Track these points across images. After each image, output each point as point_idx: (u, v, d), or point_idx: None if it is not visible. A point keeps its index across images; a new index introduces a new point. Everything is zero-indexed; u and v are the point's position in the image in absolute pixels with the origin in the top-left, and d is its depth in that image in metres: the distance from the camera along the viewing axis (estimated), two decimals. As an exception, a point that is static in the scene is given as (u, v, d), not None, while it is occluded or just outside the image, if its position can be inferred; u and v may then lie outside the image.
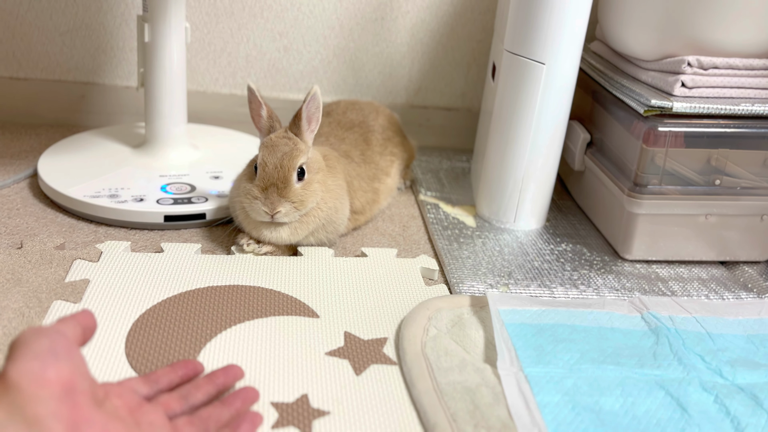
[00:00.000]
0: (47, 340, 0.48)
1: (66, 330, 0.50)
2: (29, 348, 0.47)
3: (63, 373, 0.46)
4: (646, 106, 0.89)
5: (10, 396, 0.44)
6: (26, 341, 0.47)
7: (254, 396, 0.61)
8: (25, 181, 1.03)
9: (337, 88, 1.30)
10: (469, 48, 1.30)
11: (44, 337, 0.48)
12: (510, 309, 0.78)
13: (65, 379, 0.46)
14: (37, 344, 0.47)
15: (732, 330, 0.80)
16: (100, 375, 0.64)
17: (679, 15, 0.90)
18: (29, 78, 1.22)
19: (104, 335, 0.69)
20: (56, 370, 0.46)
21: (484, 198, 1.04)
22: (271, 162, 0.82)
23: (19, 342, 0.47)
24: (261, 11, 1.23)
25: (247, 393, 0.61)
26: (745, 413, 0.66)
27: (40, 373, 0.45)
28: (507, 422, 0.62)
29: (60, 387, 0.46)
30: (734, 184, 0.93)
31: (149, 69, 1.00)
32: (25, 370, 0.45)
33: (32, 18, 1.19)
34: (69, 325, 0.51)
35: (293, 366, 0.67)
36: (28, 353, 0.46)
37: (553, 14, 0.90)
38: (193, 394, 0.58)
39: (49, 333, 0.48)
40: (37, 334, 0.48)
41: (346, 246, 0.94)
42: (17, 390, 0.44)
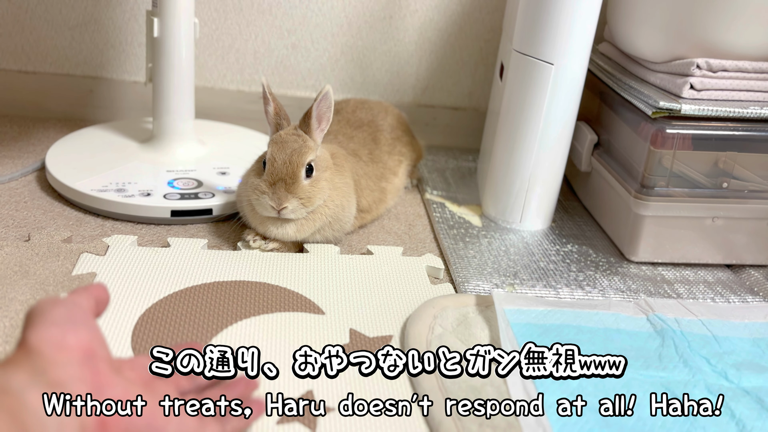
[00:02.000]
0: (64, 309, 0.48)
1: (81, 301, 0.51)
2: (47, 316, 0.47)
3: (82, 340, 0.47)
4: (654, 107, 0.89)
5: (31, 360, 0.44)
6: (43, 310, 0.47)
7: (254, 384, 0.62)
8: (32, 174, 1.03)
9: (344, 86, 1.30)
10: (477, 47, 1.30)
11: (61, 306, 0.48)
12: (516, 309, 0.78)
13: (84, 345, 0.47)
14: (54, 312, 0.47)
15: (738, 333, 0.80)
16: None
17: (689, 17, 0.90)
18: (38, 72, 1.23)
19: (111, 329, 0.69)
20: (75, 336, 0.47)
21: (491, 198, 1.04)
22: (280, 158, 0.82)
23: (35, 311, 0.47)
24: (270, 8, 1.23)
25: (248, 381, 0.61)
26: (750, 416, 0.66)
27: (59, 339, 0.46)
28: (512, 421, 0.62)
29: (80, 352, 0.46)
30: (741, 187, 0.93)
31: (158, 64, 1.01)
32: (45, 336, 0.46)
33: (42, 12, 1.19)
34: (83, 297, 0.51)
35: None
36: (46, 321, 0.46)
37: (562, 14, 0.90)
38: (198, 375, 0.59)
39: (65, 302, 0.49)
40: (54, 304, 0.48)
41: (352, 243, 0.94)
42: (38, 355, 0.45)
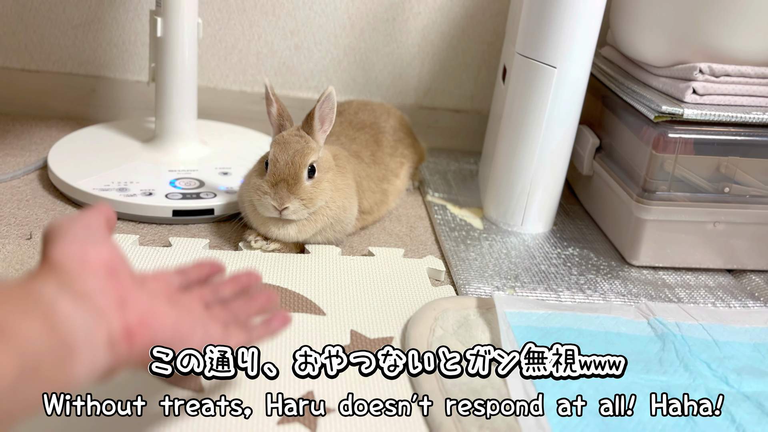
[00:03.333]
0: (81, 226, 0.49)
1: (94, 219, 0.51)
2: (66, 234, 0.47)
3: (103, 255, 0.47)
4: (656, 112, 0.89)
5: (56, 274, 0.45)
6: (60, 229, 0.48)
7: (276, 297, 0.63)
8: (35, 173, 1.04)
9: (346, 88, 1.31)
10: (480, 50, 1.31)
11: (78, 224, 0.49)
12: (517, 311, 0.78)
13: (106, 259, 0.47)
14: (73, 230, 0.48)
15: (738, 338, 0.80)
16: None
17: (692, 22, 0.90)
18: (41, 70, 1.23)
19: (112, 327, 0.69)
20: (96, 251, 0.47)
21: (492, 200, 1.04)
22: (282, 158, 0.82)
23: (52, 230, 0.48)
24: (273, 9, 1.24)
25: (270, 294, 0.62)
26: (751, 421, 0.66)
27: (81, 254, 0.46)
28: (512, 424, 0.62)
29: (103, 267, 0.47)
30: (743, 192, 0.93)
31: (161, 64, 1.01)
32: (67, 252, 0.46)
33: (45, 10, 1.20)
34: (94, 216, 0.51)
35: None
36: (67, 238, 0.47)
37: (565, 18, 0.90)
38: (221, 288, 0.60)
39: (81, 219, 0.49)
40: (70, 222, 0.49)
41: (353, 245, 0.95)
42: (62, 269, 0.45)
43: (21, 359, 0.38)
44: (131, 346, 0.46)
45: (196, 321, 0.53)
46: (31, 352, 0.39)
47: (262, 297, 0.61)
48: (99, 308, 0.45)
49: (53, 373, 0.41)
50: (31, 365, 0.39)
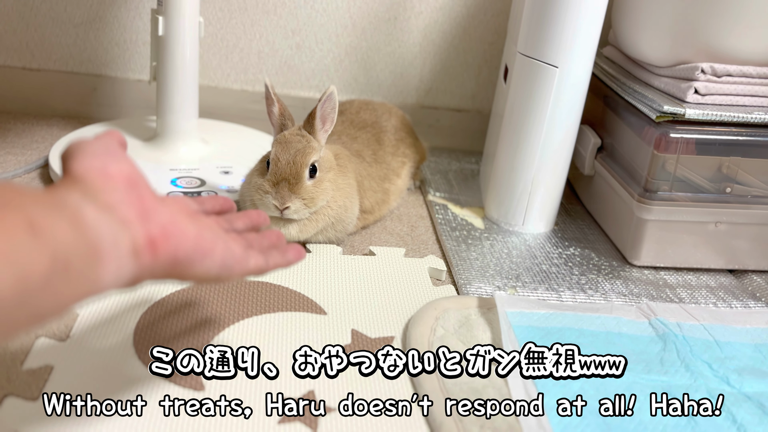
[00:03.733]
0: (100, 144, 0.49)
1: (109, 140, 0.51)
2: (85, 151, 0.48)
3: (124, 170, 0.48)
4: (658, 111, 0.89)
5: (80, 186, 0.45)
6: (80, 146, 0.48)
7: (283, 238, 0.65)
8: (36, 171, 1.04)
9: (348, 87, 1.30)
10: (481, 50, 1.30)
11: (96, 142, 0.50)
12: (518, 311, 0.78)
13: (127, 174, 0.48)
14: (91, 147, 0.49)
15: (740, 338, 0.80)
16: (108, 367, 0.64)
17: (694, 21, 0.90)
18: (42, 69, 1.23)
19: (113, 327, 0.69)
20: (117, 166, 0.48)
21: (493, 200, 1.04)
22: (283, 158, 0.82)
23: (72, 148, 0.48)
24: (274, 8, 1.24)
25: (279, 233, 0.65)
26: (752, 422, 0.65)
27: (103, 168, 0.47)
28: (513, 424, 0.62)
29: (124, 180, 0.47)
30: (745, 193, 0.92)
31: (162, 63, 1.01)
32: (89, 165, 0.47)
33: (47, 9, 1.20)
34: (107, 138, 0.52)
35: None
36: (86, 154, 0.48)
37: (567, 18, 0.90)
38: (234, 220, 0.63)
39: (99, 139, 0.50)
40: (88, 141, 0.49)
41: (354, 244, 0.94)
42: (85, 182, 0.46)
43: (52, 254, 0.39)
44: (155, 257, 0.46)
45: (218, 237, 0.53)
46: (62, 249, 0.39)
47: (272, 234, 0.64)
48: (123, 218, 0.45)
49: (82, 275, 0.41)
50: (62, 261, 0.39)
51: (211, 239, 0.52)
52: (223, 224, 0.60)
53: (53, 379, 0.61)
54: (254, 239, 0.61)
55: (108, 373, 0.63)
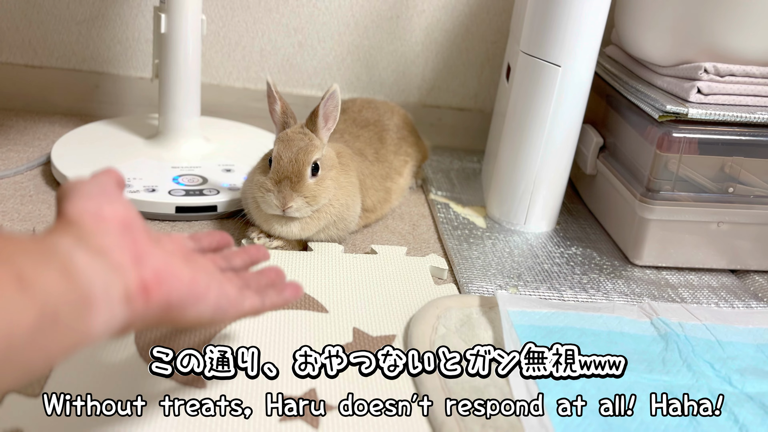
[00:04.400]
0: (96, 185, 0.49)
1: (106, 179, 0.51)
2: (80, 192, 0.47)
3: (118, 211, 0.47)
4: (660, 111, 0.89)
5: (73, 229, 0.45)
6: (74, 187, 0.48)
7: (283, 274, 0.64)
8: (38, 169, 1.04)
9: (350, 86, 1.30)
10: (484, 49, 1.30)
11: (92, 182, 0.49)
12: (519, 310, 0.78)
13: (121, 216, 0.47)
14: (87, 188, 0.48)
15: (742, 338, 0.79)
16: (109, 368, 0.64)
17: (697, 21, 0.90)
18: (44, 66, 1.23)
19: (114, 324, 0.69)
20: (112, 208, 0.47)
21: (495, 199, 1.04)
22: (285, 156, 0.82)
23: (67, 189, 0.48)
24: (277, 6, 1.23)
25: (278, 269, 0.63)
26: (754, 422, 0.65)
27: (97, 210, 0.46)
28: (515, 423, 0.62)
29: (118, 223, 0.47)
30: (747, 193, 0.92)
31: (164, 60, 1.01)
32: (83, 208, 0.46)
33: (49, 6, 1.20)
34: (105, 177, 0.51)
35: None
36: (82, 195, 0.47)
37: (570, 17, 0.90)
38: (231, 258, 0.62)
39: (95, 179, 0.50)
40: (83, 182, 0.49)
41: (356, 243, 0.94)
42: (78, 225, 0.45)
43: (40, 308, 0.38)
44: (147, 302, 0.46)
45: (212, 279, 0.53)
46: (50, 302, 0.39)
47: (271, 271, 0.62)
48: (115, 263, 0.44)
49: (72, 325, 0.40)
50: (51, 315, 0.39)
51: (205, 282, 0.51)
52: (220, 263, 0.59)
53: (53, 379, 0.61)
54: (251, 278, 0.60)
55: (108, 373, 0.63)
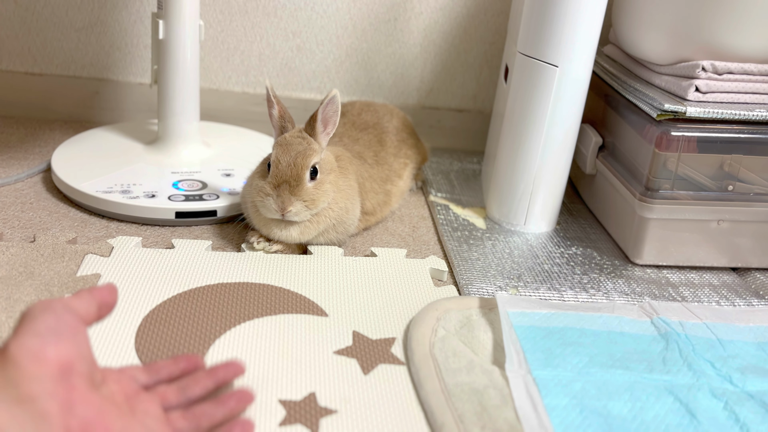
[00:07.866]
0: (53, 318, 0.48)
1: (78, 306, 0.50)
2: (33, 324, 0.47)
3: (62, 354, 0.46)
4: (659, 110, 0.89)
5: (6, 371, 0.44)
6: (32, 316, 0.47)
7: (249, 397, 0.59)
8: (38, 176, 1.04)
9: (349, 88, 1.31)
10: (482, 50, 1.30)
11: (50, 314, 0.48)
12: (519, 311, 0.78)
13: (64, 359, 0.46)
14: (41, 321, 0.47)
15: (743, 337, 0.79)
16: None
17: (694, 19, 0.90)
18: (44, 73, 1.23)
19: (114, 330, 0.69)
20: (56, 349, 0.46)
21: (495, 200, 1.04)
22: (284, 160, 0.82)
23: (26, 316, 0.47)
24: (275, 10, 1.24)
25: (243, 394, 0.59)
26: (755, 420, 0.65)
27: (39, 351, 0.45)
28: (514, 424, 0.62)
29: (57, 367, 0.46)
30: (747, 190, 0.92)
31: (163, 66, 1.01)
32: (25, 346, 0.45)
33: (48, 14, 1.20)
34: (83, 301, 0.51)
35: (301, 364, 0.67)
36: (30, 330, 0.46)
37: (567, 17, 0.90)
38: (191, 387, 0.57)
39: (56, 309, 0.49)
40: (44, 310, 0.48)
41: (355, 245, 0.95)
42: (14, 366, 0.44)
43: None
44: None
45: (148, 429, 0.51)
46: None
47: (232, 400, 0.57)
48: (42, 413, 0.44)
49: None
50: None
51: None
52: (172, 399, 0.56)
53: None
54: (205, 413, 0.55)
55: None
